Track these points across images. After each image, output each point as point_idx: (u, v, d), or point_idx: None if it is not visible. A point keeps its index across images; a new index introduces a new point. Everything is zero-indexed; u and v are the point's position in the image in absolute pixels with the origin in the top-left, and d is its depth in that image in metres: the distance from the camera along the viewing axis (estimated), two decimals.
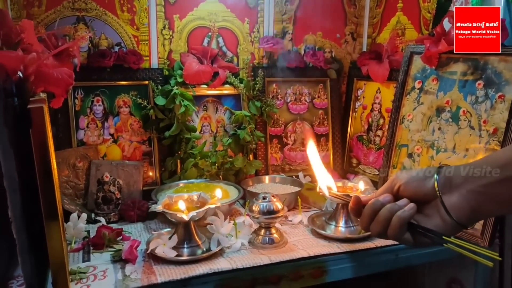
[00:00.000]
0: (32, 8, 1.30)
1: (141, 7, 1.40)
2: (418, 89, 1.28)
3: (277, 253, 1.02)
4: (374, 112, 1.53)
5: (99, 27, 1.37)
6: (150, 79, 1.40)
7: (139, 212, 1.20)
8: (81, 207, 1.22)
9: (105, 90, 1.35)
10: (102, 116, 1.35)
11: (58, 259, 0.81)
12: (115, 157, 1.35)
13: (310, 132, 1.48)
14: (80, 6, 1.34)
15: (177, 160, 1.39)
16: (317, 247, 1.05)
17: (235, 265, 0.95)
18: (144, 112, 1.38)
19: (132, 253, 0.95)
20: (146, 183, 1.37)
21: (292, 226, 1.19)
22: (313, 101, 1.60)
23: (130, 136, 1.38)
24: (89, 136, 1.33)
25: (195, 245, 1.00)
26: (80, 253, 1.01)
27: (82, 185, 1.27)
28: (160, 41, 1.45)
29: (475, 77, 1.14)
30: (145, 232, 1.15)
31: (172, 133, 1.35)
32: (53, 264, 0.81)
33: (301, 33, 1.62)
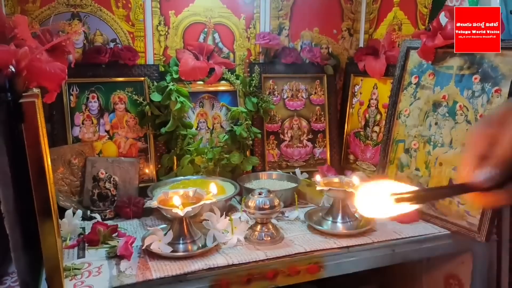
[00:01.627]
0: (27, 4, 1.29)
1: (136, 3, 1.40)
2: (414, 84, 1.28)
3: (273, 248, 1.01)
4: (371, 108, 1.53)
5: (94, 23, 1.36)
6: (146, 75, 1.39)
7: (134, 208, 1.20)
8: (76, 204, 1.21)
9: (100, 87, 1.34)
10: (97, 112, 1.34)
11: (52, 256, 0.80)
12: (110, 154, 1.35)
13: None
14: (74, 2, 1.34)
15: (173, 157, 1.38)
16: (314, 242, 1.05)
17: (231, 261, 0.95)
18: (140, 108, 1.37)
19: (127, 249, 0.95)
20: (142, 179, 1.36)
21: (289, 222, 1.18)
22: (310, 97, 1.60)
23: (126, 132, 1.37)
24: (85, 133, 1.33)
25: (190, 241, 0.99)
26: (75, 250, 1.01)
27: (77, 182, 1.26)
28: (156, 37, 1.44)
29: (471, 72, 1.14)
30: (141, 228, 1.14)
31: (168, 129, 1.34)
32: (47, 260, 0.80)
33: (297, 29, 1.61)
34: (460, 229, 1.10)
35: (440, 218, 1.14)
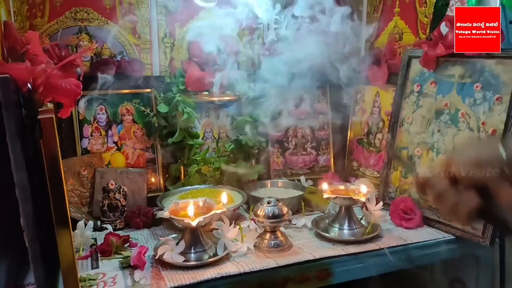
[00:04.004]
0: (35, 19, 1.32)
1: (142, 16, 1.42)
2: (417, 92, 1.30)
3: (282, 256, 1.03)
4: (373, 115, 1.55)
5: (101, 37, 1.39)
6: (152, 87, 1.41)
7: (144, 218, 1.22)
8: (86, 215, 1.23)
9: (108, 99, 1.37)
10: (105, 124, 1.37)
11: (69, 266, 0.82)
12: (119, 164, 1.37)
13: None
14: (82, 16, 1.36)
15: (181, 167, 1.40)
16: (322, 249, 1.07)
17: (242, 269, 0.96)
18: (147, 119, 1.39)
19: (140, 259, 0.97)
20: (150, 189, 1.38)
21: (296, 230, 1.20)
22: (313, 105, 1.62)
23: (133, 143, 1.39)
24: (93, 145, 1.35)
25: (202, 250, 1.01)
26: (89, 260, 1.03)
27: (87, 193, 1.28)
28: (162, 49, 1.46)
29: (472, 80, 1.16)
30: (151, 238, 1.16)
31: (175, 140, 1.36)
32: (64, 271, 0.82)
33: None
34: (464, 234, 1.12)
35: (445, 223, 1.16)
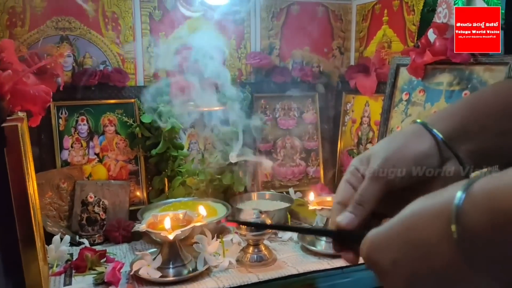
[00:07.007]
0: (15, 28, 1.29)
1: (126, 25, 1.40)
2: (405, 101, 1.28)
3: (265, 271, 0.99)
4: (363, 125, 1.52)
5: (83, 46, 1.36)
6: (136, 97, 1.38)
7: (124, 232, 1.17)
8: (65, 229, 1.19)
9: (90, 109, 1.33)
10: (87, 135, 1.33)
11: (35, 284, 0.78)
12: (100, 177, 1.33)
13: None
14: (63, 25, 1.33)
15: (165, 179, 1.36)
16: (307, 263, 1.02)
17: (222, 285, 0.92)
18: (130, 130, 1.36)
19: (115, 275, 0.92)
20: (133, 202, 1.34)
21: (282, 243, 1.16)
22: (302, 115, 1.59)
23: (116, 155, 1.35)
24: (74, 156, 1.31)
25: (180, 265, 0.97)
26: (62, 277, 0.98)
27: (66, 206, 1.24)
28: (146, 58, 1.44)
29: (461, 87, 1.13)
30: (130, 253, 1.11)
31: (159, 151, 1.33)
32: None
33: (288, 48, 1.61)
34: None
35: None
